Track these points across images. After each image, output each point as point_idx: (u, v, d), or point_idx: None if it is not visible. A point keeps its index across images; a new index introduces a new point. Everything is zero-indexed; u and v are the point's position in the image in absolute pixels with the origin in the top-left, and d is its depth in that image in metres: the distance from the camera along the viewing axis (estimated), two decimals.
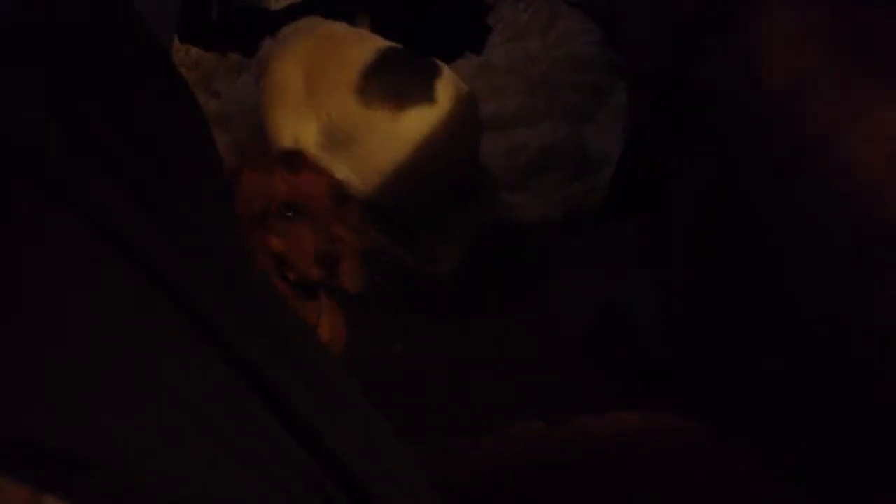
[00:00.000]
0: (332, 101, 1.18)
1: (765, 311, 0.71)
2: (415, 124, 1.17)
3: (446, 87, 1.20)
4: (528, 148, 1.38)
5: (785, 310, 0.68)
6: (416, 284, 1.12)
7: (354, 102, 1.17)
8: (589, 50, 1.61)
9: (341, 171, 1.19)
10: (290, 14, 1.54)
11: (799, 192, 0.69)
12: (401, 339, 1.00)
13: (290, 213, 0.81)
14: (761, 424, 0.69)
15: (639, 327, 0.96)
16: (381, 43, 1.23)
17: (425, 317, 1.02)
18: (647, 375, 0.88)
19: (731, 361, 0.77)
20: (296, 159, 0.86)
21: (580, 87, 1.53)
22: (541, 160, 1.37)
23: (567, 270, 1.12)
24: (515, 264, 1.13)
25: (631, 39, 1.27)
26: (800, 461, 0.62)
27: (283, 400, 0.45)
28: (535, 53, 1.63)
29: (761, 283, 0.72)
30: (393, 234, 1.09)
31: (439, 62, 1.23)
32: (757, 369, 0.72)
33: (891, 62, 0.73)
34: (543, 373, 0.91)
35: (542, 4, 1.77)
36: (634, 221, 1.07)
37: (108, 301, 0.42)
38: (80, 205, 0.43)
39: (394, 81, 1.18)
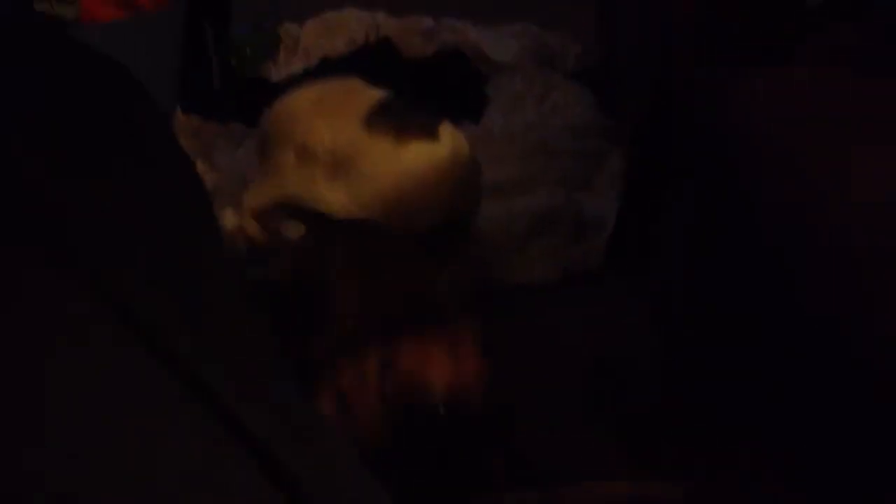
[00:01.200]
0: (337, 125, 1.20)
1: (761, 370, 0.71)
2: (417, 157, 1.19)
3: (449, 132, 1.24)
4: (527, 214, 1.39)
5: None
6: None
7: (359, 129, 1.19)
8: (584, 118, 1.64)
9: (339, 198, 1.19)
10: (291, 85, 1.57)
11: (796, 259, 0.70)
12: None
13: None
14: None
15: (638, 381, 0.95)
16: (391, 94, 1.28)
17: None
18: (646, 427, 0.87)
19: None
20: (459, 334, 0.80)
21: (576, 153, 1.55)
22: (539, 226, 1.38)
23: (565, 326, 1.12)
24: (515, 325, 1.13)
25: (624, 104, 1.29)
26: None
27: (281, 464, 0.44)
28: (531, 121, 1.66)
29: (758, 340, 0.72)
30: None
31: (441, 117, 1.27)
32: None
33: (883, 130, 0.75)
34: (546, 432, 0.90)
35: (537, 74, 1.80)
36: (632, 279, 1.07)
37: (100, 363, 0.42)
38: (79, 265, 0.43)
39: (400, 117, 1.22)
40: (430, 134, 1.21)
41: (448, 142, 1.22)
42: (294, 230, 1.26)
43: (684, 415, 0.85)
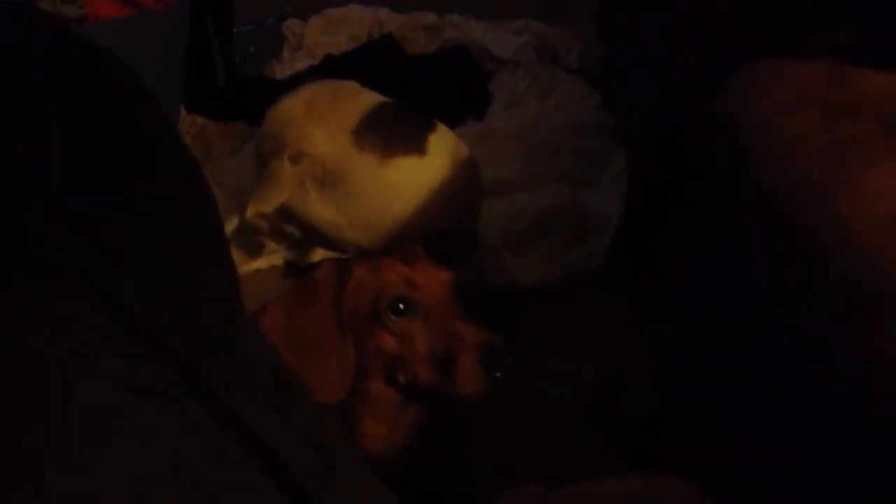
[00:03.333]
0: (326, 137, 1.20)
1: (760, 362, 0.72)
2: (402, 173, 1.18)
3: (440, 142, 1.22)
4: (529, 212, 1.39)
5: (780, 365, 0.69)
6: None
7: (347, 143, 1.18)
8: (587, 115, 1.63)
9: (329, 211, 1.20)
10: (295, 82, 1.58)
11: (794, 253, 0.70)
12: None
13: (402, 308, 0.77)
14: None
15: (640, 392, 0.95)
16: (384, 98, 1.27)
17: None
18: (648, 440, 0.88)
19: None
20: (411, 254, 0.83)
21: (579, 151, 1.55)
22: (542, 224, 1.38)
23: (566, 335, 1.12)
24: (514, 328, 1.13)
25: (627, 101, 1.29)
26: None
27: (285, 467, 0.45)
28: (534, 119, 1.66)
29: (756, 340, 0.73)
30: None
31: (437, 121, 1.25)
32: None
33: (882, 127, 0.75)
34: (544, 438, 0.91)
35: (541, 71, 1.80)
36: (634, 283, 1.08)
37: (108, 375, 0.42)
38: (80, 276, 0.43)
39: (389, 129, 1.20)
40: (417, 148, 1.19)
41: (438, 153, 1.20)
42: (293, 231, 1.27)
43: (685, 417, 0.86)
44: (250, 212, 1.25)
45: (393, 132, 1.20)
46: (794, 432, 0.67)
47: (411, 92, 1.61)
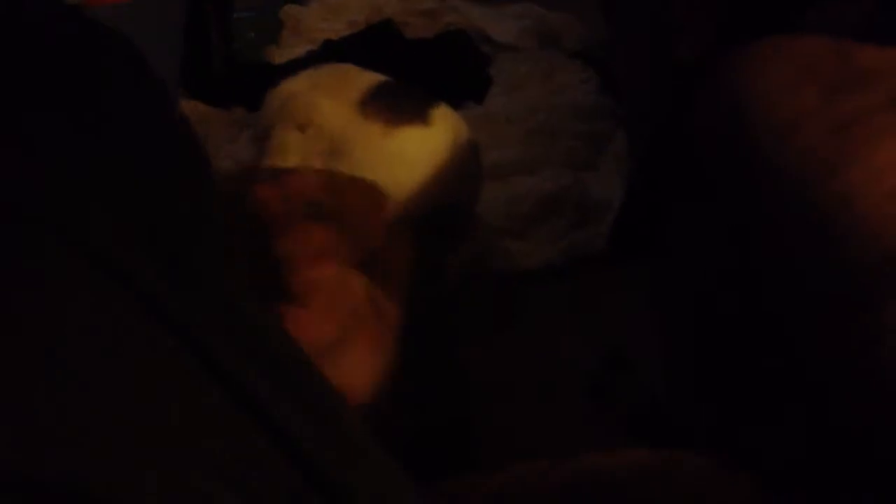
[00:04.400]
0: (331, 107, 1.21)
1: (767, 359, 0.72)
2: (407, 143, 1.20)
3: (443, 117, 1.24)
4: (530, 196, 1.39)
5: (788, 355, 0.68)
6: None
7: (353, 113, 1.20)
8: (588, 98, 1.63)
9: None
10: (293, 68, 1.57)
11: (798, 230, 0.70)
12: None
13: (314, 211, 0.74)
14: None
15: (643, 372, 0.96)
16: (387, 77, 1.28)
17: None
18: (651, 420, 0.88)
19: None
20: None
21: (580, 135, 1.55)
22: (543, 208, 1.38)
23: (570, 316, 1.12)
24: (518, 310, 1.13)
25: (628, 84, 1.29)
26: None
27: (284, 430, 0.45)
28: (535, 103, 1.65)
29: (761, 318, 0.72)
30: None
31: (440, 101, 1.27)
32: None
33: (886, 101, 0.75)
34: (548, 420, 0.91)
35: (541, 55, 1.79)
36: (637, 265, 1.08)
37: (110, 336, 0.42)
38: (81, 242, 0.43)
39: (393, 102, 1.22)
40: (423, 119, 1.21)
41: (441, 127, 1.22)
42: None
43: (688, 397, 0.86)
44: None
45: (397, 105, 1.22)
46: (798, 407, 0.67)
47: (411, 76, 1.60)
